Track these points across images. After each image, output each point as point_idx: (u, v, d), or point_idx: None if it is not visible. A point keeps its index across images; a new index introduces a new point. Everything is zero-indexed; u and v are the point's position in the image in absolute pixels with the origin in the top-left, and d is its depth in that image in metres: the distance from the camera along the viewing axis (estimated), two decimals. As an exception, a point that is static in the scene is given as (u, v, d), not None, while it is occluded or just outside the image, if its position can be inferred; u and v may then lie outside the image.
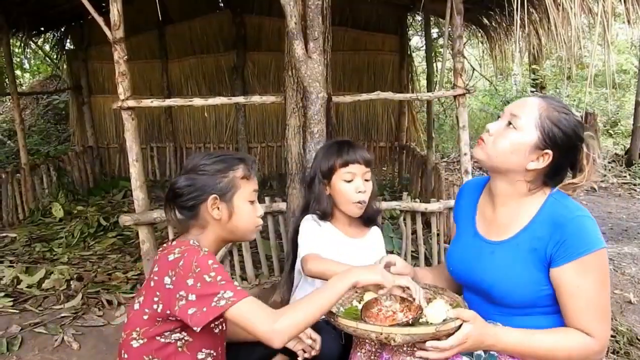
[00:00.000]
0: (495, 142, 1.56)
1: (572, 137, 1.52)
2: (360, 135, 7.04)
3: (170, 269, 1.42)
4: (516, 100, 1.62)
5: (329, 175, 2.00)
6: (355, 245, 2.05)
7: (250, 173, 1.61)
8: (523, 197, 1.58)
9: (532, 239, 1.53)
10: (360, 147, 2.07)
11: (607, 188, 7.13)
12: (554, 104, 1.54)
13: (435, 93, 4.19)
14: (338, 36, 6.77)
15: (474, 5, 5.09)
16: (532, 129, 1.51)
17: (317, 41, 3.02)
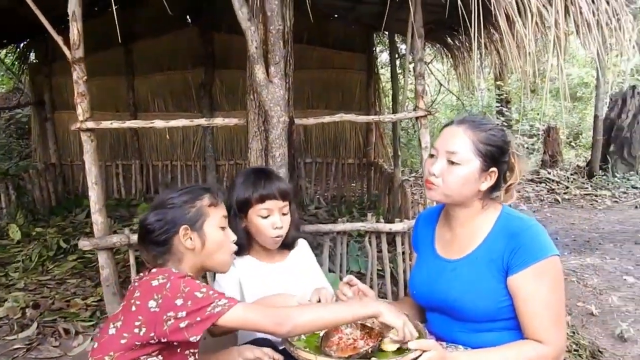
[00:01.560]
0: (446, 182, 1.60)
1: (503, 147, 1.62)
2: (328, 152, 7.06)
3: (155, 292, 1.44)
4: (446, 131, 1.63)
5: (244, 209, 1.92)
6: (277, 270, 2.00)
7: (217, 200, 1.65)
8: (478, 215, 1.66)
9: (490, 251, 1.60)
10: (277, 179, 1.98)
11: (570, 199, 7.31)
12: (477, 124, 1.61)
13: (397, 115, 4.24)
14: (306, 54, 6.82)
15: (438, 25, 5.18)
16: (473, 158, 1.57)
17: (279, 65, 3.04)
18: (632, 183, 7.58)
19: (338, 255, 3.78)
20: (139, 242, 1.66)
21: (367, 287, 1.80)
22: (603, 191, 7.39)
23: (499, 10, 2.99)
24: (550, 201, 7.22)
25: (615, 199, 7.15)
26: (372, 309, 1.52)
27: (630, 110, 7.85)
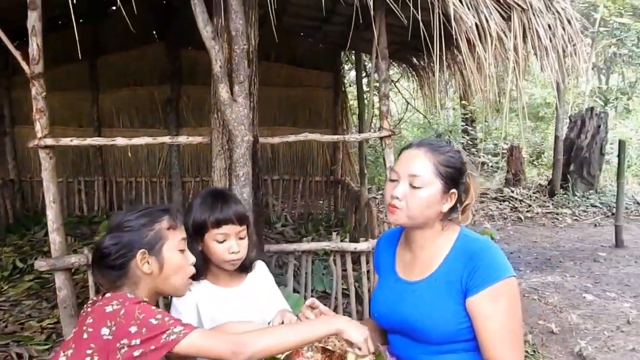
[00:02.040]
0: (410, 205, 1.61)
1: (462, 168, 1.64)
2: (295, 170, 7.06)
3: (109, 319, 1.40)
4: (406, 155, 1.65)
5: (201, 232, 1.87)
6: (234, 295, 1.97)
7: (176, 222, 1.61)
8: (438, 236, 1.67)
9: (449, 273, 1.61)
10: (234, 202, 1.93)
11: (532, 218, 7.47)
12: (435, 146, 1.63)
13: (361, 135, 4.28)
14: (274, 72, 6.85)
15: (403, 46, 5.27)
16: (435, 180, 1.59)
17: (243, 84, 3.03)
18: (591, 202, 7.79)
19: (303, 275, 3.76)
20: (94, 266, 1.61)
21: (329, 310, 1.79)
22: (564, 209, 7.58)
23: (460, 34, 3.05)
24: (513, 219, 7.37)
25: (575, 217, 7.34)
26: (334, 326, 1.52)
27: (589, 130, 8.10)
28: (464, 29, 3.04)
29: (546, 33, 3.17)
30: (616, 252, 5.71)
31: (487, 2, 3.04)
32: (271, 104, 6.84)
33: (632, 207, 7.70)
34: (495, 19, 3.06)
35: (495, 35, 3.08)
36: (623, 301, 4.30)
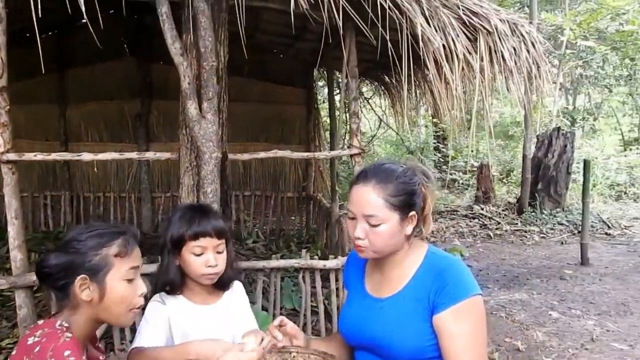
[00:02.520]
0: (373, 242, 1.61)
1: (414, 188, 1.62)
2: (267, 186, 7.04)
3: (25, 354, 1.32)
4: (356, 193, 1.62)
5: (178, 246, 1.85)
6: (209, 313, 1.94)
7: (128, 249, 1.49)
8: (407, 255, 1.67)
9: (417, 290, 1.61)
10: (213, 216, 1.91)
11: (501, 235, 7.57)
12: (382, 177, 1.61)
13: (331, 152, 4.29)
14: (247, 88, 6.85)
15: (375, 64, 5.34)
16: (390, 214, 1.58)
17: (212, 101, 3.02)
18: (558, 219, 7.95)
19: (272, 292, 3.73)
20: (40, 283, 1.52)
21: (297, 329, 1.77)
22: (532, 227, 7.71)
23: (428, 55, 3.11)
24: (482, 236, 7.46)
25: (543, 234, 7.47)
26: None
27: (556, 150, 8.30)
28: (431, 49, 3.09)
29: (511, 56, 3.25)
30: (582, 270, 5.82)
31: (454, 24, 3.11)
32: (244, 120, 6.83)
33: (597, 225, 7.88)
34: (462, 41, 3.12)
35: (462, 57, 3.14)
36: (587, 319, 4.37)
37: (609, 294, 5.00)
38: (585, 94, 16.17)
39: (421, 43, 3.07)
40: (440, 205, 9.07)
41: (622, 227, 7.88)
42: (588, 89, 15.35)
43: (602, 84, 14.34)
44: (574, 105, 15.78)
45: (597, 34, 10.84)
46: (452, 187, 10.70)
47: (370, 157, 12.49)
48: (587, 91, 15.73)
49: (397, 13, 3.00)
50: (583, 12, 10.07)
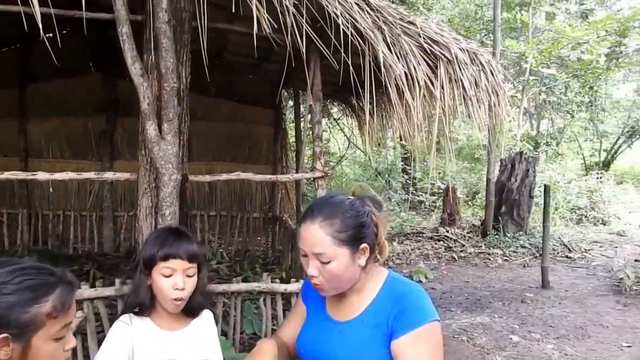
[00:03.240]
0: (329, 280, 1.61)
1: (363, 220, 1.61)
2: (233, 206, 6.98)
3: None
4: (304, 231, 1.60)
5: (149, 266, 1.85)
6: (175, 339, 1.90)
7: (64, 307, 1.28)
8: (366, 282, 1.66)
9: (376, 315, 1.60)
10: (187, 240, 1.91)
11: (465, 257, 7.65)
12: (328, 213, 1.59)
13: (294, 175, 4.29)
14: (214, 107, 6.82)
15: (340, 87, 5.38)
16: (339, 250, 1.57)
17: (172, 122, 2.99)
18: (521, 242, 8.09)
19: (232, 316, 3.67)
20: None
21: None
22: (495, 250, 7.82)
23: (390, 81, 3.15)
24: (447, 259, 7.52)
25: (506, 257, 7.58)
26: None
27: (519, 174, 8.48)
28: (393, 76, 3.13)
29: (471, 84, 3.32)
30: (542, 293, 5.91)
31: (415, 51, 3.16)
32: (211, 139, 6.79)
33: (558, 248, 8.04)
34: (423, 68, 3.18)
35: (424, 84, 3.19)
36: (547, 342, 4.43)
37: (568, 318, 5.08)
38: (549, 119, 16.65)
39: (383, 69, 3.11)
40: (406, 227, 9.13)
41: (582, 250, 8.06)
42: (551, 114, 15.81)
43: (564, 110, 14.80)
44: (538, 130, 16.21)
45: (559, 61, 11.22)
46: (419, 208, 10.80)
47: (338, 177, 12.56)
48: (550, 116, 16.20)
49: (359, 40, 3.04)
50: (545, 41, 10.41)
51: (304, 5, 3.00)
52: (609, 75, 12.30)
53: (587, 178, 12.21)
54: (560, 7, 13.98)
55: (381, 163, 11.82)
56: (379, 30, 3.07)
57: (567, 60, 10.90)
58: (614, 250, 8.00)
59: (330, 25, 3.07)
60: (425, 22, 3.28)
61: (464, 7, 13.52)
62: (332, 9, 2.97)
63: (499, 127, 3.87)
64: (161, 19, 2.89)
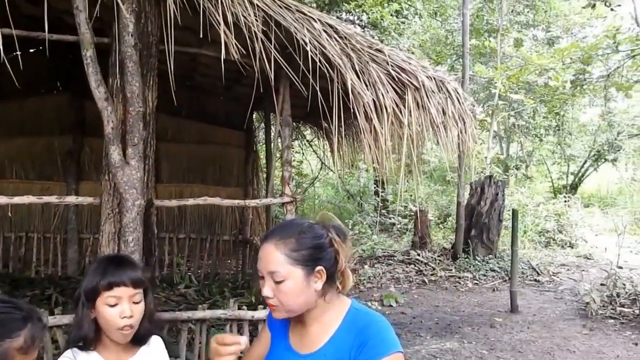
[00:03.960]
0: (281, 301, 1.59)
1: (318, 243, 1.59)
2: (203, 229, 6.88)
3: None
4: (262, 251, 1.61)
5: (92, 298, 1.78)
6: None
7: (35, 342, 1.31)
8: (327, 310, 1.63)
9: (338, 347, 1.57)
10: (130, 266, 1.85)
11: (436, 281, 7.66)
12: (284, 234, 1.59)
13: (263, 200, 4.25)
14: (185, 128, 6.77)
15: (311, 110, 5.39)
16: (292, 269, 1.56)
17: (137, 147, 2.94)
18: (490, 266, 8.15)
19: (197, 344, 3.58)
20: None
21: None
22: (465, 273, 7.86)
23: (358, 108, 3.16)
24: (418, 282, 7.52)
25: (476, 281, 7.62)
26: None
27: (488, 197, 8.59)
28: (361, 103, 3.15)
29: (438, 111, 3.36)
30: (511, 318, 5.94)
31: (383, 79, 3.19)
32: (181, 161, 6.72)
33: (527, 271, 8.13)
34: (391, 96, 3.21)
35: (391, 111, 3.22)
36: (515, 368, 4.44)
37: (536, 343, 5.10)
38: (518, 142, 16.99)
39: (351, 96, 3.13)
40: (378, 250, 9.13)
41: (550, 273, 8.16)
42: (520, 137, 16.15)
43: (533, 134, 15.13)
44: (508, 153, 16.52)
45: (526, 86, 11.50)
46: (391, 231, 10.84)
47: (310, 199, 12.55)
48: (519, 140, 16.54)
49: (327, 67, 3.05)
50: (513, 67, 10.68)
51: (272, 31, 3.01)
52: (574, 101, 12.65)
53: (555, 201, 12.45)
54: (528, 34, 14.41)
55: (354, 185, 11.85)
56: (348, 57, 3.09)
57: (535, 86, 11.19)
58: (580, 274, 8.13)
59: (299, 51, 3.09)
60: (393, 50, 3.32)
61: (435, 32, 13.80)
62: (300, 36, 2.98)
63: (467, 153, 3.92)
64: (127, 42, 2.86)
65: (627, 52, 8.21)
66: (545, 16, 13.41)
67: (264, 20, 2.97)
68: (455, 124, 3.58)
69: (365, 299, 6.59)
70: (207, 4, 2.88)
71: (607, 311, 5.98)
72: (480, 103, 15.21)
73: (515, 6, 13.07)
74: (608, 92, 11.74)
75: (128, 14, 2.83)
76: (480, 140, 14.32)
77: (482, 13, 12.79)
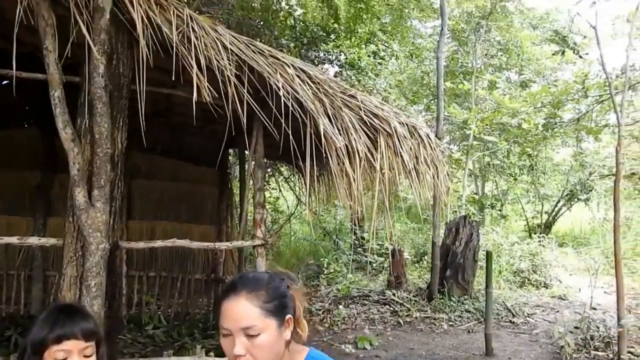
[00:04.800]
0: (257, 356, 1.54)
1: (284, 292, 1.58)
2: (174, 267, 6.72)
3: None
4: (229, 307, 1.54)
5: (39, 351, 1.68)
6: None
7: None
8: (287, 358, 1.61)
9: None
10: (82, 317, 1.77)
11: (411, 322, 7.57)
12: (253, 286, 1.56)
13: (234, 243, 4.19)
14: (158, 165, 6.68)
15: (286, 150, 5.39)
16: (268, 321, 1.53)
17: (103, 189, 2.87)
18: (466, 307, 8.10)
19: (161, 393, 3.45)
20: None
21: None
22: (441, 314, 7.79)
23: (331, 152, 3.16)
24: (393, 324, 7.42)
25: (451, 322, 7.56)
26: None
27: (463, 237, 8.62)
28: (334, 147, 3.15)
29: (410, 157, 3.37)
30: (486, 361, 5.89)
31: (356, 124, 3.20)
32: (153, 198, 6.61)
33: (502, 313, 8.09)
34: (363, 141, 3.21)
35: (364, 156, 3.22)
36: (488, 416, 4.35)
37: (510, 388, 5.05)
38: (493, 181, 17.21)
39: (323, 140, 3.12)
40: (353, 289, 9.03)
41: (525, 314, 8.14)
42: (495, 176, 16.37)
43: (507, 173, 15.36)
44: (483, 192, 16.71)
45: (500, 127, 11.73)
46: (367, 269, 10.75)
47: (287, 235, 12.44)
48: (494, 178, 16.76)
49: (300, 111, 3.05)
50: (487, 109, 10.91)
51: (245, 75, 3.01)
52: (547, 142, 12.92)
53: (530, 241, 12.54)
54: (501, 76, 14.79)
55: (330, 222, 11.80)
56: (320, 102, 3.11)
57: (508, 127, 11.43)
58: (555, 315, 8.13)
59: (271, 95, 3.09)
60: (366, 95, 3.35)
61: (412, 73, 14.08)
62: (273, 81, 2.99)
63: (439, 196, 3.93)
64: (98, 83, 2.83)
65: (596, 97, 8.45)
66: (517, 60, 13.80)
67: (237, 65, 2.98)
68: (428, 169, 3.59)
69: (339, 341, 6.47)
70: (180, 47, 2.88)
71: (582, 355, 5.96)
72: (456, 142, 15.47)
73: (489, 50, 13.45)
74: (579, 134, 12.06)
75: (99, 55, 2.80)
76: (456, 178, 14.50)
77: (457, 56, 13.12)
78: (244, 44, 3.03)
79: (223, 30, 3.01)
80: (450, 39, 13.21)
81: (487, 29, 12.58)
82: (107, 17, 2.80)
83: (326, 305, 7.99)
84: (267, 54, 3.02)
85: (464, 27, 12.66)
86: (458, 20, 12.79)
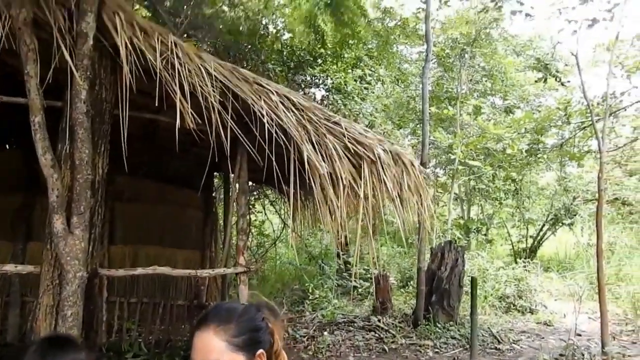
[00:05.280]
0: None
1: (257, 324, 1.56)
2: (156, 293, 6.60)
3: None
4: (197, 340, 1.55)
5: None
6: None
7: None
8: None
9: None
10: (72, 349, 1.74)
11: (396, 349, 7.47)
12: (222, 319, 1.53)
13: (215, 270, 4.14)
14: (143, 188, 6.61)
15: (270, 175, 5.37)
16: (235, 356, 1.51)
17: (83, 216, 2.82)
18: (451, 333, 8.04)
19: None
20: None
21: None
22: (426, 341, 7.72)
23: (314, 179, 3.14)
24: (378, 350, 7.33)
25: (436, 349, 7.48)
26: None
27: (448, 263, 8.60)
28: (317, 175, 3.13)
29: (394, 184, 3.37)
30: (471, 389, 5.82)
31: (340, 152, 3.20)
32: (137, 222, 6.52)
33: (488, 339, 8.03)
34: (347, 168, 3.21)
35: (347, 183, 3.21)
36: None
37: (495, 417, 4.98)
38: (478, 205, 17.30)
39: (307, 166, 3.11)
40: (338, 315, 8.93)
41: (511, 341, 8.09)
42: (480, 200, 16.46)
43: (492, 197, 15.45)
44: (469, 216, 16.76)
45: (485, 151, 11.84)
46: (352, 294, 10.67)
47: (272, 259, 12.33)
48: (479, 203, 16.84)
49: (284, 138, 3.05)
50: (471, 135, 11.01)
51: (229, 102, 3.01)
52: (531, 167, 13.05)
53: (515, 266, 12.56)
54: (486, 101, 14.99)
55: (316, 247, 11.73)
56: (304, 129, 3.10)
57: (493, 152, 11.54)
58: (540, 342, 8.10)
59: (255, 121, 3.08)
60: (350, 122, 3.36)
61: (398, 97, 14.21)
62: (257, 108, 2.99)
63: (424, 222, 3.92)
64: (79, 109, 2.80)
65: (578, 124, 8.59)
66: (502, 85, 14.01)
67: (221, 91, 2.98)
68: (412, 195, 3.59)
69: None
70: (163, 73, 2.87)
71: (567, 383, 5.93)
72: (442, 166, 15.57)
73: (474, 75, 13.64)
74: (563, 159, 12.21)
75: (82, 81, 2.78)
76: (442, 202, 14.56)
77: (442, 81, 13.28)
78: (228, 70, 3.03)
79: (207, 57, 3.01)
80: (436, 65, 13.38)
81: (472, 55, 12.77)
82: (91, 42, 2.79)
83: (310, 331, 7.87)
84: (251, 80, 3.02)
85: (449, 53, 12.84)
86: (443, 46, 12.98)
